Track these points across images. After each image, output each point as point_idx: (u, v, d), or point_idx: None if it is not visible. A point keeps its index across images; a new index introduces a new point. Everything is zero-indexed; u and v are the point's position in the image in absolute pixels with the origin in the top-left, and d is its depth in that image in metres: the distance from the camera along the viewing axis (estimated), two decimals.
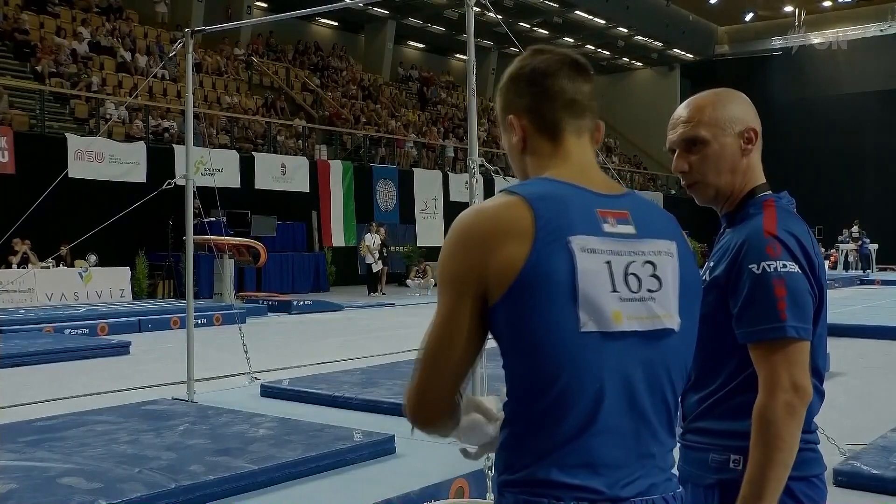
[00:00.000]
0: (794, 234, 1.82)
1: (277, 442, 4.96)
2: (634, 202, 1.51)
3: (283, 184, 21.13)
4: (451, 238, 1.43)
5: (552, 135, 1.53)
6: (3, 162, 16.08)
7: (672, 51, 38.72)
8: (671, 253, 1.48)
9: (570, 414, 1.36)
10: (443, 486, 4.37)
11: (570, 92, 1.52)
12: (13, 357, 9.54)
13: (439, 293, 1.44)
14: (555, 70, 1.52)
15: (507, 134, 1.58)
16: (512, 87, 1.56)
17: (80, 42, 21.06)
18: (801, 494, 1.81)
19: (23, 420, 5.93)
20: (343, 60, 30.44)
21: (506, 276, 1.36)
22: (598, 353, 1.37)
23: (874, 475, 4.74)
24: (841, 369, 8.44)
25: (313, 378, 7.72)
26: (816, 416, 1.91)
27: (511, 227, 1.38)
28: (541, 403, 1.38)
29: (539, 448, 1.38)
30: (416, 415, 1.46)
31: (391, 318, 15.75)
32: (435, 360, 1.42)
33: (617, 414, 1.39)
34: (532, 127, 1.53)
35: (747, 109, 1.94)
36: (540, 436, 1.38)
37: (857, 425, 6.00)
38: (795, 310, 1.75)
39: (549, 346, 1.35)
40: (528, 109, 1.53)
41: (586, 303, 1.36)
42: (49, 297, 15.55)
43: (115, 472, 4.30)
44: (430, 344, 1.43)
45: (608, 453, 1.38)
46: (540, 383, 1.37)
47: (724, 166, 1.92)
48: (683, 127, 1.94)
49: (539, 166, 1.53)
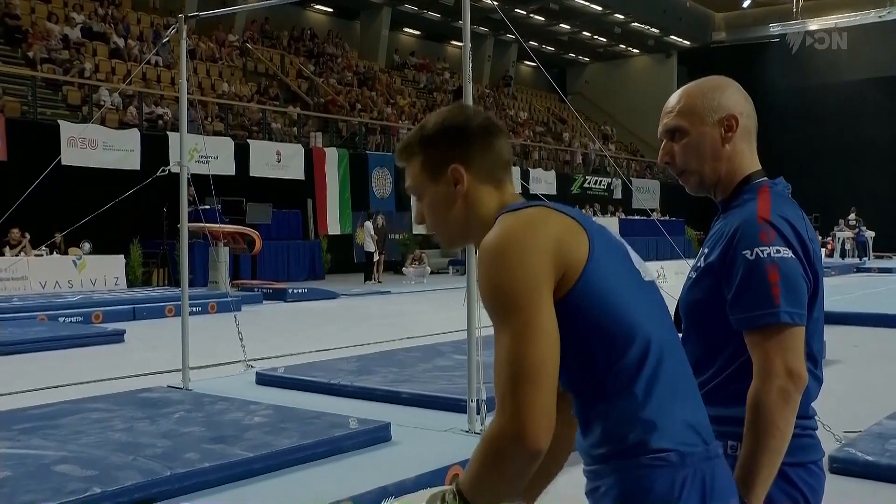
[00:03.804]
0: (787, 220, 1.82)
1: (273, 429, 4.97)
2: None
3: (278, 171, 21.07)
4: (503, 250, 1.43)
5: (496, 185, 1.61)
6: None
7: (669, 38, 38.65)
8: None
9: (653, 367, 1.47)
10: (438, 474, 4.38)
11: (507, 153, 1.63)
12: (7, 345, 9.53)
13: (510, 309, 1.40)
14: (496, 131, 1.62)
15: (439, 184, 1.60)
16: (454, 139, 1.59)
17: (73, 27, 20.94)
18: (800, 480, 1.82)
19: (17, 408, 5.93)
20: (338, 47, 30.34)
21: (579, 264, 1.45)
22: (650, 300, 1.56)
23: (869, 462, 4.79)
24: (837, 357, 8.47)
25: (309, 366, 7.73)
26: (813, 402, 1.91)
27: (559, 224, 1.48)
28: (622, 362, 1.46)
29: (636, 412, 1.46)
30: (537, 439, 1.36)
31: (387, 305, 15.77)
32: (540, 375, 1.38)
33: (679, 359, 1.56)
34: (475, 179, 1.59)
35: (732, 96, 1.94)
36: (633, 401, 1.47)
37: (852, 413, 6.02)
38: (789, 295, 1.76)
39: (629, 298, 1.50)
40: (474, 163, 1.58)
41: (636, 260, 1.60)
42: (43, 284, 15.52)
43: (110, 459, 4.30)
44: (530, 361, 1.37)
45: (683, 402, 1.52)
46: (620, 340, 1.46)
47: (705, 154, 1.93)
48: (667, 117, 1.97)
49: (487, 212, 1.58)
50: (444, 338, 9.53)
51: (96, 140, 17.29)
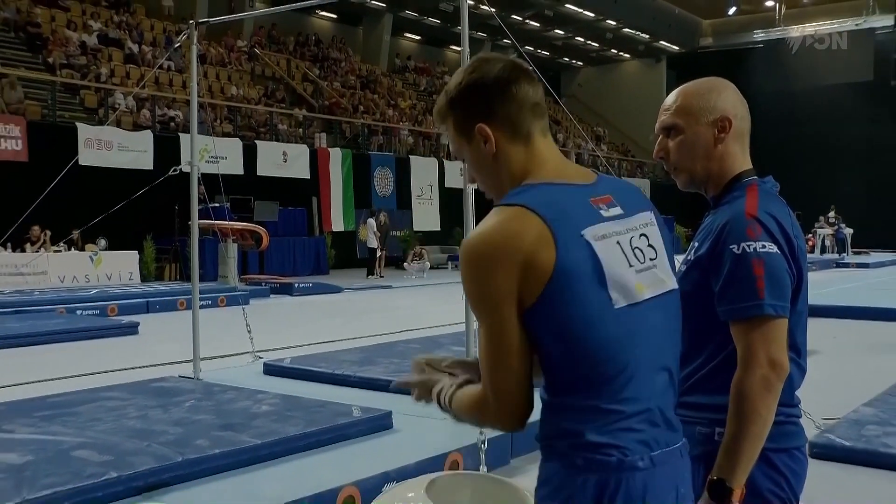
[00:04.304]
0: (774, 216, 1.82)
1: (279, 417, 4.96)
2: (610, 185, 1.55)
3: (284, 171, 21.05)
4: (469, 262, 1.42)
5: (525, 140, 1.52)
6: (17, 150, 16.02)
7: (658, 43, 38.60)
8: (653, 222, 1.56)
9: (614, 381, 1.42)
10: (438, 460, 4.39)
11: (533, 96, 1.52)
12: (29, 336, 9.55)
13: (478, 316, 1.44)
14: (516, 76, 1.51)
15: (472, 145, 1.54)
16: (474, 96, 1.52)
17: (90, 34, 20.92)
18: (783, 465, 1.82)
19: (38, 396, 5.93)
20: (342, 52, 30.29)
21: (540, 281, 1.38)
22: (629, 323, 1.44)
23: (846, 447, 4.81)
24: (817, 348, 8.46)
25: (314, 357, 7.72)
26: (797, 390, 1.91)
27: (529, 235, 1.39)
28: (590, 375, 1.42)
29: (590, 413, 1.42)
30: (503, 418, 1.46)
31: (388, 299, 15.76)
32: (497, 373, 1.43)
33: (648, 373, 1.46)
34: (504, 134, 1.51)
35: (727, 98, 1.93)
36: (590, 402, 1.43)
37: (831, 401, 6.02)
38: (773, 288, 1.76)
39: (591, 329, 1.41)
40: (498, 117, 1.51)
41: (614, 283, 1.43)
42: (62, 279, 15.52)
43: (125, 445, 4.30)
44: (492, 364, 1.43)
45: (644, 412, 1.44)
46: (584, 361, 1.42)
47: (698, 153, 1.93)
48: (665, 114, 1.97)
49: (515, 172, 1.52)
50: (443, 330, 9.53)
51: (112, 141, 17.27)
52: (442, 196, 25.13)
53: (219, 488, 3.94)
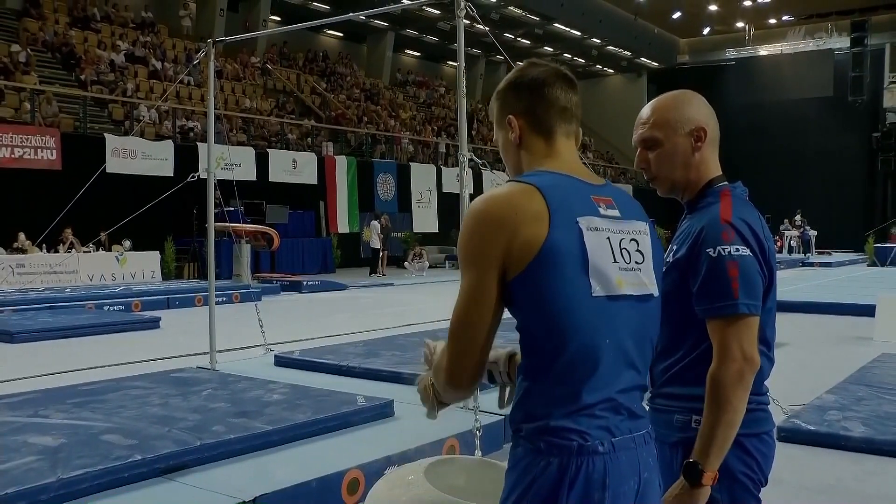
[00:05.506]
0: (746, 222, 1.82)
1: (289, 406, 4.95)
2: (614, 191, 1.57)
3: (293, 177, 21.03)
4: (471, 220, 1.43)
5: (546, 135, 1.56)
6: (52, 159, 16.06)
7: (639, 59, 38.62)
8: (646, 233, 1.56)
9: (581, 367, 1.40)
10: (436, 445, 4.38)
11: (563, 100, 1.56)
12: (61, 330, 9.54)
13: (463, 271, 1.44)
14: (551, 81, 1.56)
15: (504, 131, 1.61)
16: (512, 91, 1.58)
17: (118, 53, 20.93)
18: (753, 448, 1.83)
19: (70, 385, 5.93)
20: (347, 67, 30.28)
21: (527, 253, 1.38)
22: (604, 314, 1.43)
23: (811, 431, 4.83)
24: (784, 340, 8.47)
25: (321, 349, 7.71)
26: (766, 380, 1.91)
27: (529, 210, 1.40)
28: (560, 360, 1.40)
29: (557, 399, 1.41)
30: (453, 380, 1.45)
31: (390, 296, 15.75)
32: (465, 331, 1.43)
33: (615, 364, 1.43)
34: (528, 127, 1.56)
35: (699, 109, 1.93)
36: (557, 388, 1.41)
37: (797, 388, 6.04)
38: (747, 288, 1.76)
39: (568, 310, 1.39)
40: (526, 112, 1.56)
41: (595, 272, 1.43)
42: (90, 277, 15.52)
43: (149, 430, 4.29)
44: (460, 317, 1.43)
45: (607, 401, 1.42)
46: (559, 342, 1.40)
47: (678, 162, 1.92)
48: (642, 128, 1.95)
49: (533, 161, 1.56)
50: (442, 324, 9.52)
51: (136, 150, 17.25)
52: (440, 200, 25.11)
53: (234, 470, 3.93)
